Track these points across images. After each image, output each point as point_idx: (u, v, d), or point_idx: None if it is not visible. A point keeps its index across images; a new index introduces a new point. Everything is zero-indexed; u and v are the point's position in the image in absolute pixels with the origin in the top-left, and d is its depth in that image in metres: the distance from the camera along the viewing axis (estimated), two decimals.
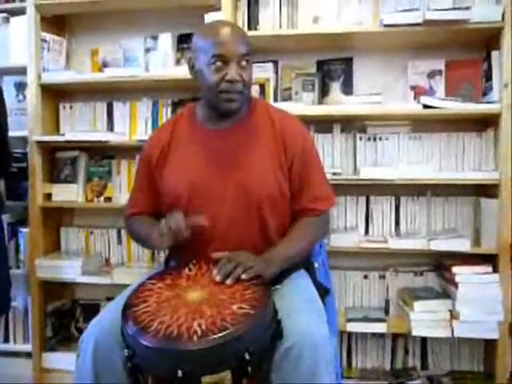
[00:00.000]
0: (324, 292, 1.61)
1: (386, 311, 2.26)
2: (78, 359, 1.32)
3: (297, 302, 1.37)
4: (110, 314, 1.35)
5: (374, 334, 2.27)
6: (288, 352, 1.20)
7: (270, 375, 1.23)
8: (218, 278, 1.30)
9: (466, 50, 2.23)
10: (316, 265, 1.70)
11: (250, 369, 1.12)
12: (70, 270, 2.33)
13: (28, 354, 2.47)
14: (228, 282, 1.29)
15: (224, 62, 1.44)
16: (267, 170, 1.51)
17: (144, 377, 1.20)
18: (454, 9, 2.01)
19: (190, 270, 1.40)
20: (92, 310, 2.51)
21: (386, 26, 2.04)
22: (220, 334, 1.09)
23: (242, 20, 2.22)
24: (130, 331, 1.17)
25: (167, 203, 1.57)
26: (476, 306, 2.01)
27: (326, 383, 1.22)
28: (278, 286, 1.42)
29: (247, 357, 1.11)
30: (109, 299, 2.48)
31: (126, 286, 2.10)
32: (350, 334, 2.29)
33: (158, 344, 1.11)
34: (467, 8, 1.99)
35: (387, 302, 2.27)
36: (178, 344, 1.09)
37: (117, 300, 1.43)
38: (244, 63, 1.46)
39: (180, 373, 1.08)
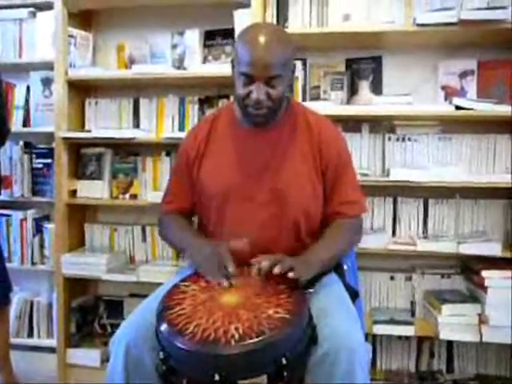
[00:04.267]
0: (353, 295, 1.59)
1: (412, 313, 2.24)
2: (110, 360, 1.32)
3: (330, 305, 1.35)
4: (141, 315, 1.35)
5: (399, 337, 2.25)
6: (324, 357, 1.19)
7: (304, 379, 1.22)
8: (257, 267, 1.30)
9: (499, 49, 2.18)
10: (345, 267, 1.68)
11: (286, 373, 1.11)
12: (95, 267, 2.32)
13: (51, 349, 2.48)
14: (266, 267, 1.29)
15: (251, 80, 1.41)
16: (302, 174, 1.51)
17: (178, 380, 1.19)
18: (489, 8, 1.97)
19: None
20: (115, 307, 2.53)
21: (418, 25, 2.00)
22: (258, 339, 1.09)
23: (270, 17, 2.19)
24: (165, 334, 1.17)
25: (202, 202, 1.57)
26: (506, 310, 1.98)
27: None
28: (310, 290, 1.40)
29: (284, 361, 1.11)
30: (132, 296, 2.50)
31: (151, 283, 2.15)
32: (374, 335, 2.26)
33: (196, 347, 1.10)
34: (503, 7, 1.95)
35: (413, 304, 2.25)
36: (216, 348, 1.08)
37: (148, 301, 1.42)
38: (274, 81, 1.41)
39: (217, 377, 1.07)
